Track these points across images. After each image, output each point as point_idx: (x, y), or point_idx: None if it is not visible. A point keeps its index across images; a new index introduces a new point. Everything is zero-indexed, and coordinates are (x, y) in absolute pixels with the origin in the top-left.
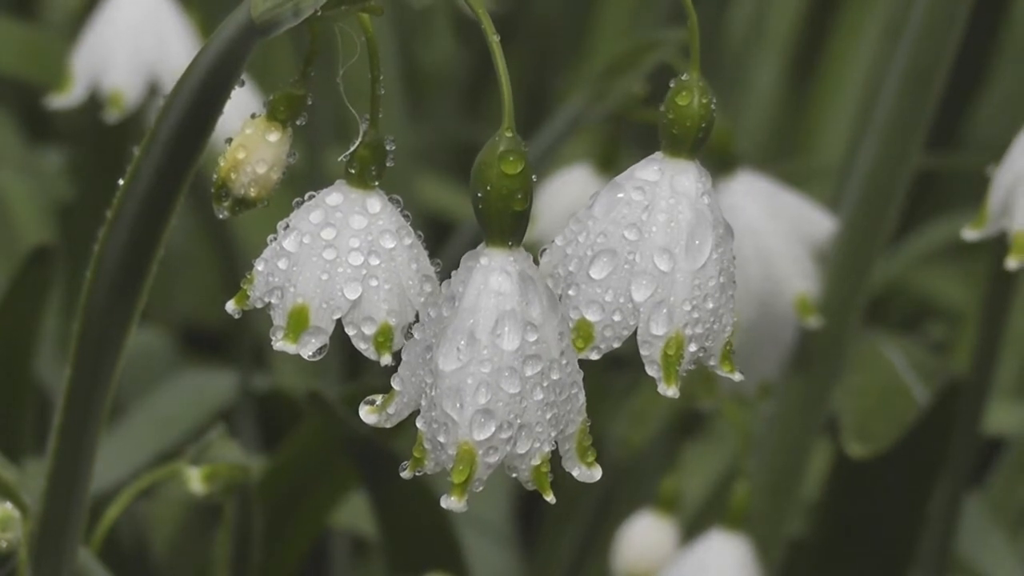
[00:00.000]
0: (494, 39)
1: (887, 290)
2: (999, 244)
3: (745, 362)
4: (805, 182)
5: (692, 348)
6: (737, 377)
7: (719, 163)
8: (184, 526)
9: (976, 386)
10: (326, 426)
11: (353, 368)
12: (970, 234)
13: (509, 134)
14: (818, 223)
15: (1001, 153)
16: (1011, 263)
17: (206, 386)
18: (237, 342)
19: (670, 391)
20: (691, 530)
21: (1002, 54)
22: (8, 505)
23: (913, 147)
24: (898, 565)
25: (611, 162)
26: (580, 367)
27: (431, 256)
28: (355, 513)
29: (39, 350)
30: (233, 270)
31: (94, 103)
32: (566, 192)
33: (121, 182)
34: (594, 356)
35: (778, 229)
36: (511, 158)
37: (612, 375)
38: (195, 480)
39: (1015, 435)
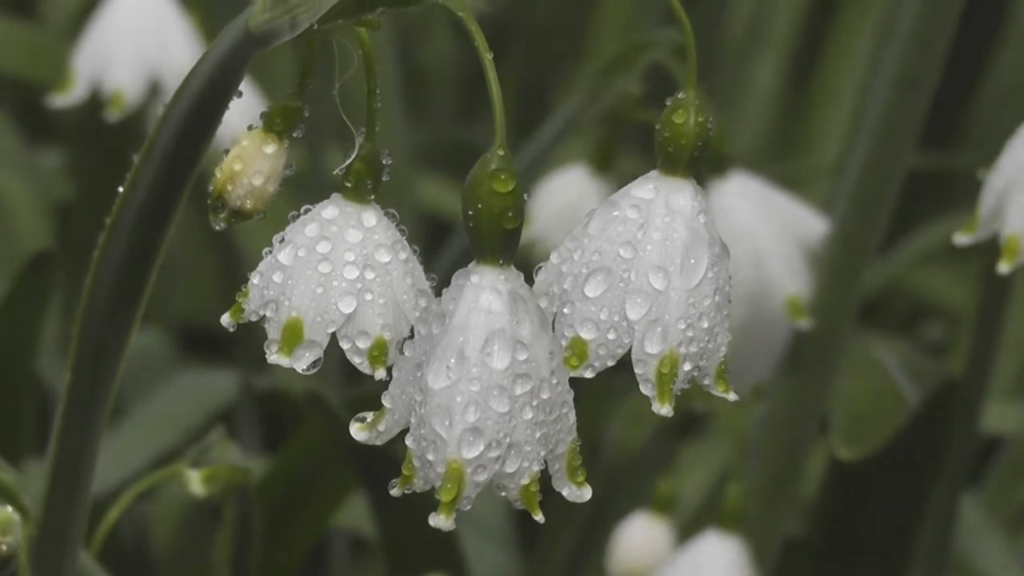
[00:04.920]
0: (487, 56)
1: (885, 291)
2: (994, 244)
3: (738, 363)
4: (802, 183)
5: (686, 367)
6: (732, 397)
7: (712, 164)
8: (185, 528)
9: (973, 386)
10: (326, 428)
11: (355, 370)
12: (961, 239)
13: (501, 152)
14: (810, 225)
15: (999, 154)
16: (1003, 267)
17: (207, 386)
18: (238, 342)
19: (664, 409)
20: (687, 531)
21: (1002, 53)
22: (8, 508)
23: (904, 148)
24: (895, 565)
25: (607, 163)
26: (574, 378)
27: (429, 257)
28: (355, 513)
29: (40, 351)
30: (234, 270)
31: (94, 103)
32: (563, 193)
33: (120, 188)
34: (588, 374)
35: (770, 230)
36: (503, 176)
37: (609, 377)
38: (195, 482)
39: (1012, 435)
